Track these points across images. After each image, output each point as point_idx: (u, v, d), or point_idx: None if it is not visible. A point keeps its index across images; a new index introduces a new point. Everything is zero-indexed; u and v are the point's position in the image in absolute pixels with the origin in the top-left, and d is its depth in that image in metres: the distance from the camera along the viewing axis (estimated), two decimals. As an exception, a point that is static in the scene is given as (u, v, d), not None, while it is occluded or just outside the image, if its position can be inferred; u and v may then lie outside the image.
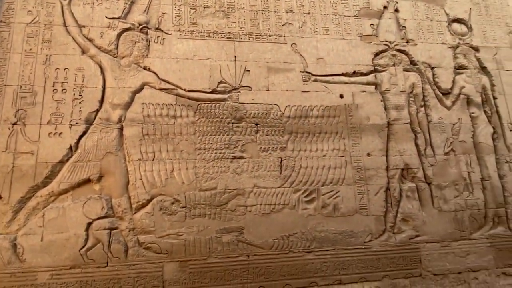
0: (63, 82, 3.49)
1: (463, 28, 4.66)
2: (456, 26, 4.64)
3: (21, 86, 3.40)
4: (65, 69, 3.52)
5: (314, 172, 3.73)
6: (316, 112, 3.91)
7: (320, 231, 3.59)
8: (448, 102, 4.29)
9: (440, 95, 4.30)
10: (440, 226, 3.87)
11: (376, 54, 4.26)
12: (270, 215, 3.55)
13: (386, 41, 4.33)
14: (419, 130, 4.11)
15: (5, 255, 3.03)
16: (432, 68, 4.38)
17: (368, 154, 3.90)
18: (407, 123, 4.09)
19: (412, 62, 4.35)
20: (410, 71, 4.30)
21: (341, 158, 3.83)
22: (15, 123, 3.30)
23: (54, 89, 3.45)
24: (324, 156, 3.80)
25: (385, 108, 4.08)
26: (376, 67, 4.20)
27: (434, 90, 4.30)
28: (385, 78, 4.18)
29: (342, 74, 4.09)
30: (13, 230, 3.10)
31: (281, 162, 3.70)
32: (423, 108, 4.20)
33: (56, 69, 3.51)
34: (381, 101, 4.09)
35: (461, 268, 3.81)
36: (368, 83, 4.12)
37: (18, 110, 3.34)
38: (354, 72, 4.13)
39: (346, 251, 3.60)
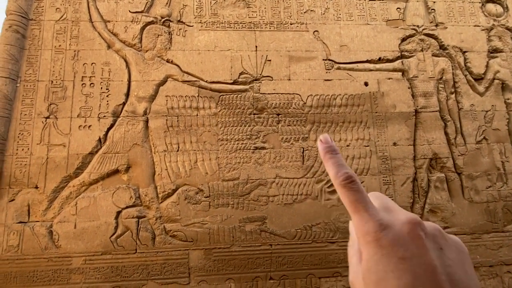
0: (90, 77, 3.58)
1: (499, 9, 4.32)
2: (490, 6, 4.31)
3: (52, 81, 3.53)
4: (92, 63, 3.62)
5: None
6: (339, 101, 3.79)
7: (343, 221, 3.52)
8: (481, 88, 4.02)
9: (472, 80, 4.03)
10: (470, 218, 3.68)
11: (403, 39, 4.05)
12: (292, 205, 3.51)
13: (414, 25, 4.10)
14: (449, 118, 3.89)
15: (43, 241, 3.20)
16: (464, 53, 4.11)
17: (394, 144, 3.75)
18: (436, 111, 3.88)
19: (442, 47, 4.10)
20: (439, 56, 4.06)
21: (366, 148, 3.71)
22: (48, 117, 3.44)
23: (82, 84, 3.56)
24: (348, 146, 3.69)
25: (413, 96, 3.89)
26: (403, 53, 4.01)
27: (465, 75, 4.03)
28: (413, 64, 3.98)
29: (367, 61, 3.93)
30: (49, 218, 3.26)
31: (303, 152, 3.64)
32: (453, 95, 3.96)
33: (84, 64, 3.61)
34: (409, 88, 3.91)
35: (493, 261, 3.61)
36: (394, 70, 3.94)
37: (50, 104, 3.47)
38: (380, 58, 3.96)
39: (371, 242, 3.51)
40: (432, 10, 4.20)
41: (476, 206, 3.72)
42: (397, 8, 4.16)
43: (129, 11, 3.80)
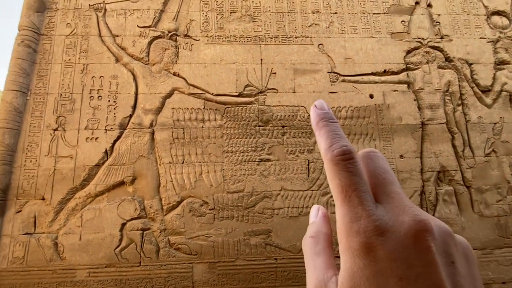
0: (98, 90, 3.64)
1: (504, 21, 4.30)
2: (496, 19, 4.30)
3: (61, 94, 3.59)
4: (100, 77, 3.67)
5: None
6: (344, 113, 3.78)
7: (350, 235, 3.44)
8: (488, 100, 3.97)
9: (480, 92, 3.99)
10: (481, 232, 3.58)
11: (408, 52, 4.05)
12: (298, 218, 3.46)
13: (419, 38, 4.10)
14: (457, 130, 3.84)
15: (48, 252, 3.19)
16: (470, 65, 4.08)
17: (401, 156, 3.70)
18: (443, 123, 3.84)
19: (448, 59, 4.08)
20: (445, 68, 4.03)
21: None
22: (56, 129, 3.49)
23: (90, 96, 3.61)
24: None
25: (419, 108, 3.86)
26: (408, 65, 4.00)
27: (472, 87, 3.99)
28: (418, 76, 3.96)
29: (372, 74, 3.93)
30: (55, 229, 3.26)
31: (308, 165, 3.61)
32: (460, 107, 3.92)
33: (92, 77, 3.67)
34: (414, 100, 3.88)
35: (506, 277, 3.48)
36: (400, 82, 3.92)
37: (59, 116, 3.52)
38: (385, 71, 3.95)
39: (378, 257, 3.42)
40: (437, 23, 4.20)
41: (487, 220, 3.61)
42: (402, 21, 4.17)
43: (137, 26, 3.88)
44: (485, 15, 4.31)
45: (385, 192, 0.33)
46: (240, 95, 3.76)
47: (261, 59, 3.89)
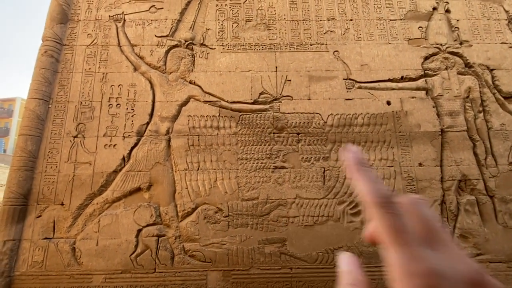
0: (117, 98, 3.72)
1: (526, 25, 4.18)
2: (517, 23, 4.18)
3: (81, 102, 3.69)
4: (119, 85, 3.77)
5: None
6: (361, 120, 3.72)
7: (367, 246, 3.35)
8: (511, 107, 3.83)
9: (502, 99, 3.86)
10: (506, 244, 3.41)
11: (426, 58, 3.98)
12: (313, 227, 3.40)
13: (437, 44, 4.03)
14: (478, 138, 3.71)
15: (66, 257, 3.24)
16: (491, 70, 3.96)
17: (420, 164, 3.60)
18: (464, 131, 3.73)
19: (467, 65, 3.98)
20: (465, 74, 3.94)
21: (390, 169, 3.58)
22: (76, 136, 3.58)
23: (109, 104, 3.69)
24: (371, 166, 3.56)
25: (438, 115, 3.77)
26: (426, 72, 3.92)
27: (494, 94, 3.87)
28: (437, 82, 3.87)
29: (389, 80, 3.87)
30: (73, 234, 3.31)
31: (324, 172, 3.56)
32: (481, 114, 3.80)
33: (111, 85, 3.76)
34: (433, 107, 3.79)
35: (534, 293, 3.31)
36: (418, 89, 3.85)
37: (79, 124, 3.62)
38: (402, 77, 3.89)
39: (397, 268, 3.30)
40: (456, 28, 4.12)
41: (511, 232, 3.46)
42: (419, 27, 4.11)
43: (155, 35, 3.97)
44: (506, 19, 4.19)
45: (439, 239, 0.35)
46: (255, 102, 3.77)
47: (276, 67, 3.90)
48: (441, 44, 4.04)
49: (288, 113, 3.73)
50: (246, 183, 3.51)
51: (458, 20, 4.16)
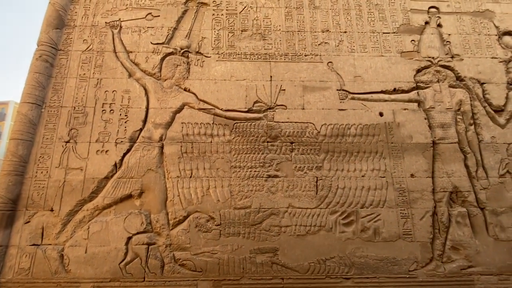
0: (111, 103, 3.73)
1: (516, 41, 4.29)
2: (507, 39, 4.28)
3: (74, 108, 3.69)
4: (113, 91, 3.77)
5: (352, 193, 3.55)
6: (354, 130, 3.76)
7: (359, 256, 3.35)
8: (501, 120, 3.90)
9: (492, 112, 3.93)
10: (497, 257, 3.43)
11: (418, 71, 4.06)
12: (305, 237, 3.39)
13: (429, 57, 4.11)
14: (469, 150, 3.76)
15: (53, 265, 3.18)
16: (482, 84, 4.04)
17: (412, 175, 3.63)
18: (455, 143, 3.77)
19: (459, 78, 4.06)
20: (456, 88, 4.01)
21: (382, 179, 3.60)
22: (68, 141, 3.56)
23: (103, 110, 3.70)
24: (363, 176, 3.61)
25: (430, 127, 3.82)
26: (418, 84, 3.99)
27: (484, 107, 3.94)
28: (429, 95, 3.94)
29: (382, 92, 3.94)
30: (61, 241, 3.26)
31: (317, 182, 3.57)
32: (472, 127, 3.87)
33: (105, 91, 3.77)
34: (425, 119, 3.85)
35: (525, 306, 3.31)
36: (410, 101, 3.91)
37: (71, 129, 3.61)
38: (395, 89, 3.96)
39: (389, 280, 3.29)
40: (448, 42, 4.21)
41: (503, 244, 3.48)
42: (412, 40, 4.19)
43: (151, 42, 4.00)
44: (496, 35, 4.30)
45: None
46: (249, 111, 3.79)
47: (271, 76, 3.94)
48: (433, 58, 4.12)
49: (282, 122, 3.76)
50: (239, 191, 3.51)
51: (449, 35, 4.26)
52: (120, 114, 3.69)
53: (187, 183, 3.50)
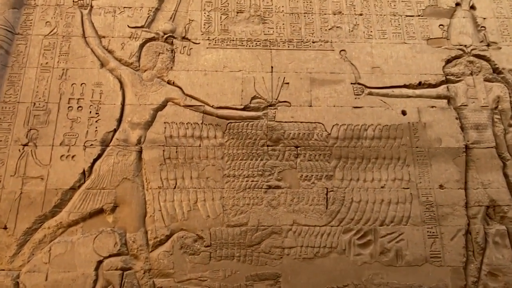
0: (79, 99, 3.70)
1: None
2: (554, 24, 4.33)
3: (34, 104, 3.65)
4: (82, 84, 3.75)
5: (369, 208, 3.53)
6: (371, 132, 3.76)
7: (378, 284, 3.33)
8: (547, 120, 3.92)
9: (537, 111, 3.95)
10: (543, 285, 3.44)
11: (448, 61, 4.08)
12: (313, 261, 3.37)
13: (461, 45, 4.14)
14: (509, 156, 3.78)
15: (6, 295, 3.13)
16: (524, 77, 4.07)
17: (441, 186, 3.64)
18: (492, 147, 3.79)
19: (496, 70, 4.09)
20: (493, 81, 4.04)
21: (405, 191, 3.60)
22: (26, 144, 3.51)
23: (69, 107, 3.67)
24: (382, 187, 3.60)
25: (462, 128, 3.84)
26: (448, 77, 4.01)
27: (528, 104, 3.96)
28: (461, 90, 3.95)
29: (405, 86, 3.95)
30: (17, 266, 3.20)
31: (327, 194, 3.57)
32: (512, 128, 3.89)
33: (72, 84, 3.75)
34: (456, 118, 3.86)
35: None
36: (438, 97, 3.92)
37: (30, 129, 3.56)
38: (420, 83, 3.97)
39: (414, 312, 3.30)
40: (482, 28, 4.24)
41: (550, 270, 3.47)
42: (440, 25, 4.22)
43: (128, 26, 3.99)
44: (541, 19, 4.34)
45: None
46: (245, 108, 3.79)
47: (272, 67, 3.95)
48: (465, 46, 4.14)
49: (285, 122, 3.76)
50: (233, 205, 3.49)
51: (485, 19, 4.29)
52: (90, 112, 3.66)
53: (171, 195, 3.48)
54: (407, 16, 4.23)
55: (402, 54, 4.07)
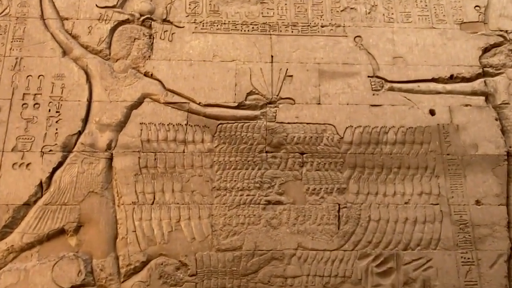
0: (36, 94, 3.68)
1: None
2: None
3: (-21, 100, 3.63)
4: (39, 76, 3.73)
5: (391, 228, 3.51)
6: (392, 136, 3.76)
7: (401, 322, 3.34)
8: None
9: None
10: None
11: (486, 50, 4.09)
12: (322, 294, 3.37)
13: (501, 30, 4.15)
14: (562, 166, 3.79)
15: None
16: None
17: (477, 202, 3.62)
18: (540, 155, 3.81)
19: (544, 61, 4.11)
20: (541, 75, 4.05)
21: (434, 207, 3.58)
22: (-30, 150, 3.48)
23: (23, 104, 3.63)
24: (406, 203, 3.58)
25: (503, 131, 3.83)
26: (486, 69, 4.02)
27: None
28: (501, 85, 3.96)
29: (433, 80, 3.96)
30: (-45, 300, 3.17)
31: (339, 211, 3.55)
32: None
33: (28, 76, 3.72)
34: (496, 119, 3.86)
35: None
36: (474, 93, 3.93)
37: (-26, 132, 3.53)
38: (452, 76, 3.97)
39: None
40: (528, 9, 4.27)
41: None
42: (476, 6, 4.23)
43: (96, 5, 3.98)
44: None
45: None
46: (240, 106, 3.78)
47: (272, 56, 3.96)
48: (506, 31, 4.16)
49: (288, 123, 3.76)
50: (224, 225, 3.47)
51: (530, -2, 4.32)
52: (50, 110, 3.64)
53: (148, 213, 3.45)
54: (435, -5, 4.27)
55: (430, 41, 4.07)
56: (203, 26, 4.00)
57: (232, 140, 3.68)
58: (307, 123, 3.77)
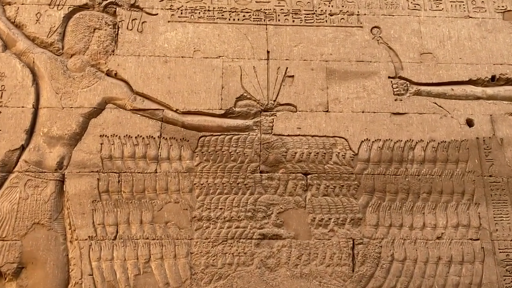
0: (-33, 99, 3.64)
1: None
2: None
3: None
4: (-28, 75, 3.70)
5: (419, 270, 3.45)
6: (420, 152, 3.73)
7: None
8: None
9: None
10: None
11: (536, 45, 4.11)
12: None
13: (554, 21, 4.19)
14: None
15: None
16: None
17: (529, 237, 3.61)
18: None
19: None
20: None
21: (474, 243, 3.53)
22: None
23: (-49, 111, 3.59)
24: (438, 238, 3.53)
25: (559, 148, 3.83)
26: (535, 69, 4.03)
27: None
28: (555, 89, 3.99)
29: (470, 82, 3.96)
30: None
31: (353, 249, 3.49)
32: None
33: (-43, 76, 3.69)
34: (550, 133, 3.86)
35: None
36: (521, 99, 3.94)
37: None
38: (493, 77, 3.98)
39: None
40: None
41: None
42: (522, -10, 4.28)
43: (47, -14, 3.97)
44: None
45: None
46: (227, 114, 3.77)
47: (268, 52, 3.96)
48: (560, 22, 4.21)
49: (288, 135, 3.75)
50: (206, 266, 3.40)
51: None
52: (-16, 120, 3.61)
53: (109, 251, 3.38)
54: (472, -22, 4.32)
55: (466, 34, 4.09)
56: (181, 13, 4.02)
57: (218, 157, 3.67)
58: (312, 136, 3.76)
